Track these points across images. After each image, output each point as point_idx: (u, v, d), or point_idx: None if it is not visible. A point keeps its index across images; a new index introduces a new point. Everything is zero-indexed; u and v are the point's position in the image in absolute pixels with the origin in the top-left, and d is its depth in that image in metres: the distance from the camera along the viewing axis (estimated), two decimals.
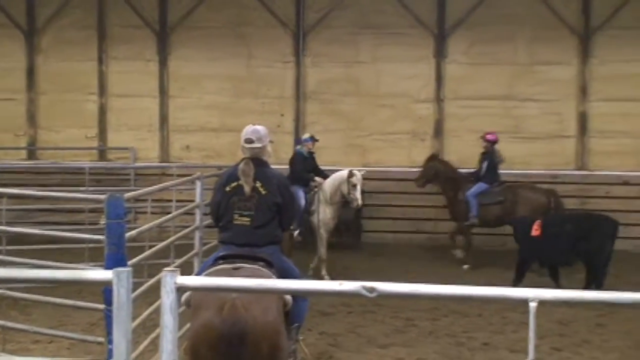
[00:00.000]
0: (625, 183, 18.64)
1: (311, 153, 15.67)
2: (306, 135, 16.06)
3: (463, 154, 19.20)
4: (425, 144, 19.48)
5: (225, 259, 6.81)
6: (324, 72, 19.75)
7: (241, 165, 7.08)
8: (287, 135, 19.18)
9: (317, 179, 15.17)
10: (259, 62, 19.92)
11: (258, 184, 7.01)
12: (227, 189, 7.09)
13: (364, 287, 4.32)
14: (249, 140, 7.24)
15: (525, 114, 19.25)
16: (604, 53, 18.94)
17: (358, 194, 14.61)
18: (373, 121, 19.19)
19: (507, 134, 19.14)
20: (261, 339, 5.99)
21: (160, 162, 19.81)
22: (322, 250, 15.00)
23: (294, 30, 19.74)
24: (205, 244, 10.99)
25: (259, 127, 7.37)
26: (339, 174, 14.92)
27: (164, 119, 20.12)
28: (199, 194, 10.61)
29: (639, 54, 18.82)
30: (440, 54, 19.42)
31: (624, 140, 18.88)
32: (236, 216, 7.00)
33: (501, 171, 16.80)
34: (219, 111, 19.94)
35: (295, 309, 6.78)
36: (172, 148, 20.16)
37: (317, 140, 15.86)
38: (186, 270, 9.73)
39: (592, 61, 19.02)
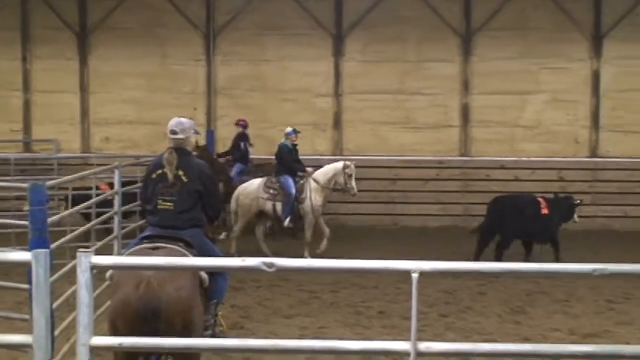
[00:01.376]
0: (502, 167, 19.00)
1: (295, 145, 15.45)
2: (289, 129, 15.68)
3: (360, 143, 19.40)
4: (326, 134, 19.53)
5: (149, 239, 6.74)
6: (233, 70, 19.61)
7: (166, 155, 7.04)
8: (200, 128, 18.88)
9: (308, 169, 15.11)
10: (173, 60, 19.66)
11: (181, 173, 6.95)
12: (154, 176, 7.04)
13: (264, 263, 4.28)
14: (173, 132, 7.15)
15: (415, 107, 19.42)
16: (484, 52, 19.23)
17: (354, 184, 14.81)
18: (278, 114, 19.08)
19: (399, 124, 19.40)
20: (174, 315, 5.91)
21: (82, 153, 19.40)
22: (309, 234, 14.87)
23: (205, 31, 19.53)
24: (124, 228, 10.79)
25: (183, 120, 7.29)
26: (333, 166, 15.03)
27: (85, 113, 19.70)
28: (118, 182, 10.39)
29: (514, 53, 19.16)
30: (338, 53, 19.44)
31: (501, 129, 19.23)
32: (160, 202, 6.95)
33: (393, 157, 16.89)
34: (136, 106, 19.61)
35: (214, 286, 6.77)
36: (93, 140, 19.75)
37: (299, 133, 15.67)
38: (107, 252, 9.56)
39: (473, 59, 19.29)
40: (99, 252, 4.79)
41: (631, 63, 19.03)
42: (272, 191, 14.84)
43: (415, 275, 4.06)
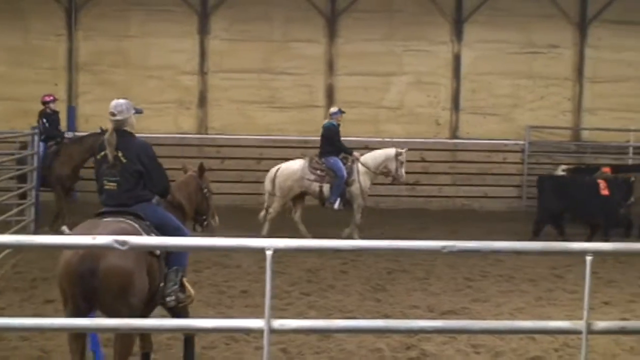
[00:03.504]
0: (366, 147, 19.04)
1: (338, 125, 15.14)
2: (335, 109, 15.43)
3: (225, 122, 19.21)
4: (191, 112, 19.24)
5: (102, 214, 7.03)
6: (95, 45, 19.07)
7: (106, 136, 7.17)
8: (60, 104, 18.20)
9: (355, 153, 14.97)
10: (34, 35, 19.01)
11: (120, 154, 7.07)
12: (98, 157, 7.21)
13: (116, 241, 4.11)
14: (111, 114, 7.20)
15: (280, 86, 19.38)
16: (348, 33, 19.35)
17: (404, 171, 14.89)
18: (141, 91, 18.59)
19: (265, 104, 19.31)
20: (110, 275, 6.23)
21: None
22: (358, 216, 14.76)
23: (67, 5, 18.87)
24: None
25: (121, 101, 7.33)
26: (385, 152, 15.01)
27: None
28: None
29: (378, 34, 19.36)
30: (203, 30, 19.14)
31: (365, 110, 19.40)
32: (105, 182, 7.15)
33: (258, 137, 16.76)
34: None
35: (173, 253, 7.00)
36: None
37: (344, 112, 15.46)
38: None
39: (338, 40, 19.37)
40: None
41: (490, 47, 19.55)
42: (319, 172, 14.67)
43: (269, 253, 3.96)
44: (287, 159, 18.71)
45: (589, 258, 4.92)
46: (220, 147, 18.93)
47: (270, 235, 13.78)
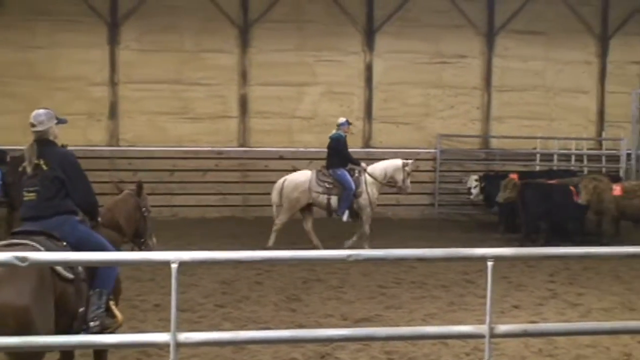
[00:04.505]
0: (281, 157, 19.17)
1: (345, 136, 15.10)
2: (342, 120, 15.25)
3: (137, 133, 18.97)
4: (101, 124, 18.93)
5: (15, 234, 6.69)
6: (0, 56, 18.52)
7: (26, 147, 6.99)
8: None
9: (362, 164, 14.95)
10: None
11: (41, 162, 6.86)
12: (20, 169, 7.01)
13: (17, 257, 4.00)
14: (31, 124, 7.00)
15: (193, 97, 19.23)
16: (261, 43, 19.33)
17: (409, 182, 15.07)
18: (49, 103, 17.54)
19: (177, 114, 19.15)
20: (5, 316, 5.73)
21: None
22: (367, 227, 14.73)
23: None
24: None
25: (41, 111, 7.05)
26: (392, 162, 15.03)
27: None
28: None
29: (290, 45, 19.41)
30: (113, 40, 18.86)
31: (279, 120, 19.43)
32: (25, 193, 6.92)
33: (171, 148, 16.63)
34: None
35: (97, 275, 6.66)
36: None
37: (351, 124, 15.58)
38: None
39: (250, 50, 19.33)
40: None
41: (401, 57, 19.80)
42: (326, 184, 14.58)
43: (174, 266, 3.91)
44: (200, 170, 18.70)
45: (490, 263, 5.00)
46: (132, 159, 18.65)
47: (276, 246, 13.86)
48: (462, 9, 19.98)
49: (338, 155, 14.89)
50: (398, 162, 15.12)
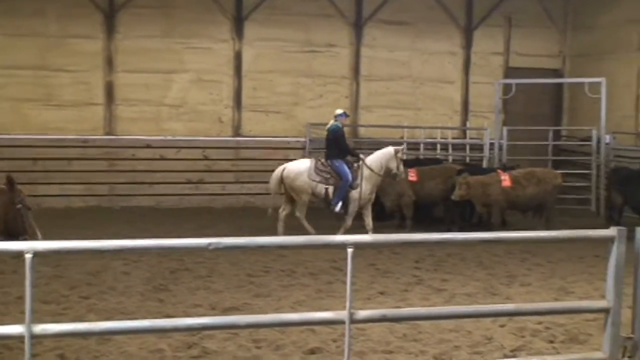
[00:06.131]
0: (148, 146, 18.90)
1: (342, 127, 15.00)
2: (340, 111, 15.04)
3: None
4: None
5: None
6: None
7: None
8: None
9: (361, 155, 14.87)
10: None
11: None
12: None
13: None
14: None
15: (58, 83, 18.68)
16: (127, 29, 18.96)
17: (402, 166, 15.05)
18: None
19: (41, 101, 18.61)
20: None
21: None
22: (349, 221, 14.82)
23: None
24: None
25: None
26: (385, 152, 14.90)
27: None
28: None
29: (157, 31, 19.13)
30: None
31: (146, 107, 19.15)
32: None
33: (34, 136, 16.13)
34: None
35: None
36: None
37: (348, 116, 15.65)
38: None
39: (117, 36, 18.93)
40: None
41: (270, 45, 19.83)
42: (324, 174, 14.52)
43: (28, 256, 3.81)
44: (65, 159, 18.19)
45: (350, 250, 5.15)
46: None
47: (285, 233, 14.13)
48: None
49: (337, 146, 14.94)
50: (390, 149, 15.14)
